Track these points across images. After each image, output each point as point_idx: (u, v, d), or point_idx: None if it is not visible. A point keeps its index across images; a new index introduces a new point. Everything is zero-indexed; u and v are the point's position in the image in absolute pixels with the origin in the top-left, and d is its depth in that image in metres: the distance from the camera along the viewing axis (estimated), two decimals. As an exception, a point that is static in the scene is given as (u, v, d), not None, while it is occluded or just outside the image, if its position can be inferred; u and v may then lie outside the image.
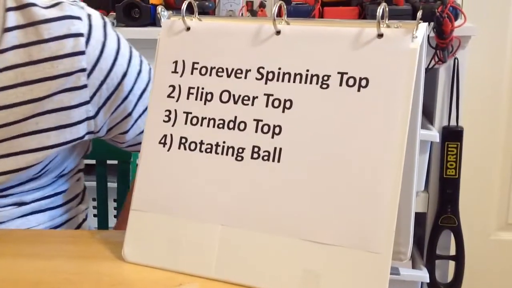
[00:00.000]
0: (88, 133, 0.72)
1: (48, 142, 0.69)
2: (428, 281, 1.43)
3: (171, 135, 0.61)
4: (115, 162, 0.98)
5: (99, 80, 0.69)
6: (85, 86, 0.68)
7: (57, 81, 0.66)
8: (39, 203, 0.75)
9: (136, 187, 0.61)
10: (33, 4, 0.66)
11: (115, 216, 1.35)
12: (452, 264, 1.50)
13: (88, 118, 0.71)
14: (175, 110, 0.61)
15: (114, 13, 1.46)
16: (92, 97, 0.70)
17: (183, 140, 0.60)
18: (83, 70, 0.67)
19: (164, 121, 0.61)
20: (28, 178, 0.71)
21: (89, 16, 0.69)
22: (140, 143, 0.62)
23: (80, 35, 0.67)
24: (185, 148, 0.60)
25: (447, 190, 1.48)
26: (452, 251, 1.49)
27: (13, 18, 0.65)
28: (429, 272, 1.44)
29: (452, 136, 1.46)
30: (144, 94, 0.75)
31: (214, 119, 0.59)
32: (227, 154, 0.58)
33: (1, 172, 0.68)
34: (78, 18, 0.67)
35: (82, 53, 0.67)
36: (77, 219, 0.82)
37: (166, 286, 0.55)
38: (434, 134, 1.41)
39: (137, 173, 0.61)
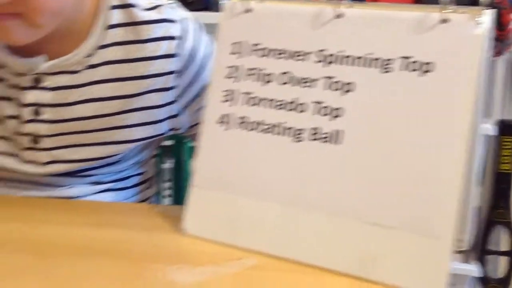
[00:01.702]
0: (170, 129, 0.75)
1: (132, 136, 0.72)
2: (479, 275, 1.41)
3: (231, 115, 0.62)
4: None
5: (187, 83, 0.72)
6: (173, 87, 0.71)
7: (148, 81, 0.69)
8: (114, 184, 0.79)
9: (196, 165, 0.63)
10: (135, 5, 0.69)
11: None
12: (503, 259, 1.47)
13: (172, 117, 0.73)
14: (235, 91, 0.62)
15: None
16: (178, 98, 0.72)
17: (242, 120, 0.61)
18: (173, 72, 0.70)
19: (223, 101, 0.63)
20: (106, 163, 0.75)
21: (184, 20, 0.71)
22: None
23: (174, 38, 0.69)
24: (244, 128, 0.61)
25: (500, 185, 1.45)
26: (504, 247, 1.46)
27: (116, 16, 0.68)
28: (480, 266, 1.42)
29: (508, 130, 1.42)
30: None
31: (273, 100, 0.60)
32: (286, 135, 0.59)
33: (85, 159, 0.72)
34: (174, 21, 0.70)
35: (174, 55, 0.70)
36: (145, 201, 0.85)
37: (225, 259, 0.57)
38: (489, 127, 1.38)
39: (197, 151, 0.63)
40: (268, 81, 0.61)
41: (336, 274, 0.54)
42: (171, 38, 0.69)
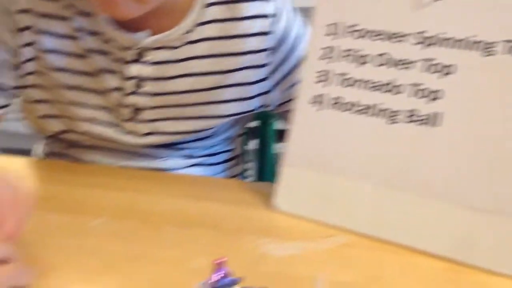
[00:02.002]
0: (261, 106, 0.77)
1: (225, 111, 0.75)
2: None
3: (324, 95, 0.63)
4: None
5: (279, 61, 0.74)
6: (265, 65, 0.73)
7: (243, 58, 0.72)
8: (205, 159, 0.82)
9: (288, 144, 0.64)
10: None
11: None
12: None
13: (263, 93, 0.75)
14: (329, 72, 0.63)
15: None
16: (270, 75, 0.74)
17: (336, 101, 0.62)
18: (266, 50, 0.72)
19: (317, 82, 0.63)
20: (199, 137, 0.78)
21: None
22: None
23: (268, 16, 0.71)
24: (338, 109, 0.62)
25: None
26: None
27: None
28: None
29: None
30: None
31: (369, 81, 0.60)
32: (381, 116, 0.59)
33: (181, 132, 0.75)
34: (269, 0, 0.71)
35: (268, 33, 0.71)
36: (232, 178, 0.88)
37: (316, 236, 0.58)
38: None
39: (289, 131, 0.64)
40: (364, 63, 0.61)
41: (429, 256, 0.54)
42: (266, 16, 0.71)
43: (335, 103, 0.62)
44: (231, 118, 0.76)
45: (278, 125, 1.02)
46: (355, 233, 0.58)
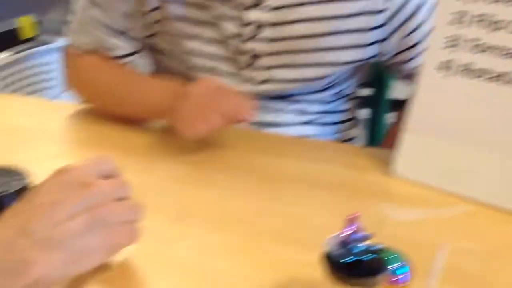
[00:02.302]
0: (375, 55, 0.77)
1: (340, 59, 0.75)
2: None
3: (453, 61, 0.61)
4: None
5: (397, 6, 0.73)
6: (382, 11, 0.72)
7: (360, 3, 0.72)
8: (318, 116, 0.83)
9: (411, 110, 0.63)
10: None
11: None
12: None
13: (379, 41, 0.75)
14: (459, 37, 0.61)
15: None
16: (387, 22, 0.73)
17: (466, 67, 0.60)
18: None
19: (445, 47, 0.62)
20: (312, 90, 0.79)
21: None
22: (414, 75, 0.63)
23: None
24: (467, 76, 0.60)
25: None
26: None
27: None
28: None
29: None
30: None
31: (502, 48, 0.58)
32: (514, 84, 0.56)
33: (296, 79, 0.76)
34: None
35: None
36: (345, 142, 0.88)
37: (437, 203, 0.58)
38: None
39: (413, 96, 0.63)
40: (497, 28, 0.58)
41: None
42: None
43: (464, 70, 0.60)
44: (346, 66, 0.75)
45: (392, 94, 1.01)
46: (478, 203, 0.57)
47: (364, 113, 1.03)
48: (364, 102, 1.05)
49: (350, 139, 0.90)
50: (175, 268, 0.48)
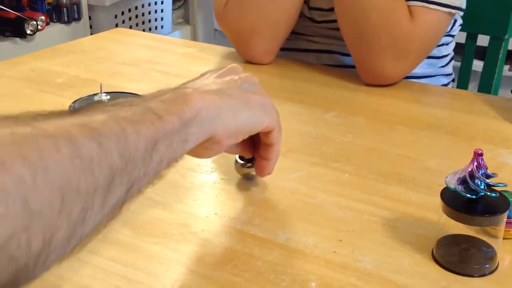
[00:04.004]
0: None
1: None
2: None
3: None
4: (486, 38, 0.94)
5: None
6: None
7: None
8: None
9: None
10: None
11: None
12: None
13: None
14: None
15: None
16: None
17: None
18: None
19: None
20: None
21: None
22: None
23: None
24: None
25: None
26: None
27: None
28: None
29: None
30: None
31: None
32: None
33: None
34: None
35: None
36: (440, 81, 0.84)
37: None
38: None
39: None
40: None
41: None
42: None
43: None
44: None
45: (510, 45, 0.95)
46: None
47: (479, 64, 0.97)
48: (480, 53, 0.99)
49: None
50: (284, 198, 0.48)
